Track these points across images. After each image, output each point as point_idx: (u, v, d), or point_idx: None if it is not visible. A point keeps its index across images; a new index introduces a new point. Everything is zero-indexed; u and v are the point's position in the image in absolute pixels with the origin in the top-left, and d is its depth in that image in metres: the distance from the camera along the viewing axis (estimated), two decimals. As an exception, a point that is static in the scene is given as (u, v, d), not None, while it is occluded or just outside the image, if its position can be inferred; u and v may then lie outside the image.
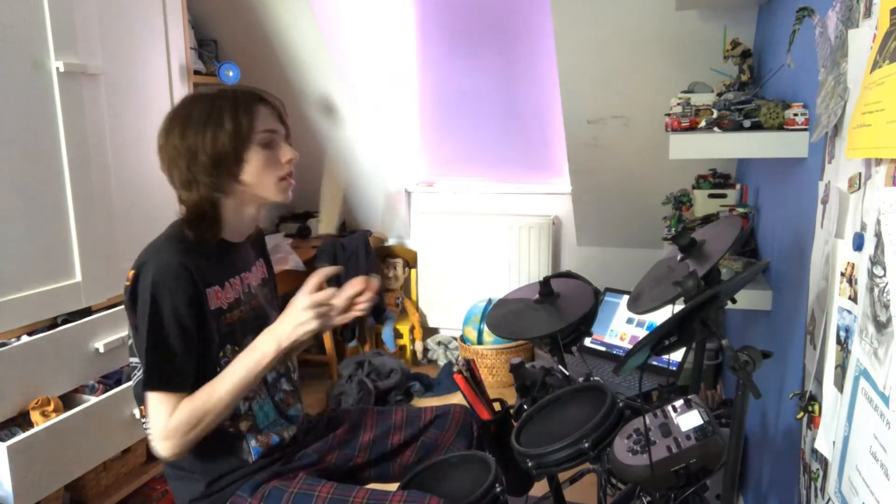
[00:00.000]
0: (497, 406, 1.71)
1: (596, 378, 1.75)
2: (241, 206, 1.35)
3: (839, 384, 1.04)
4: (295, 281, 3.51)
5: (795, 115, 1.43)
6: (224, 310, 1.33)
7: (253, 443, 1.36)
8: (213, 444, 1.29)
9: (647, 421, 1.25)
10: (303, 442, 1.48)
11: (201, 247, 1.31)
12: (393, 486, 1.43)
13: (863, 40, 1.00)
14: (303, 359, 3.56)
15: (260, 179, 1.30)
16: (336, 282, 1.55)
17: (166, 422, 1.21)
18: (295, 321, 1.25)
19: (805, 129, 1.42)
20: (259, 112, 1.30)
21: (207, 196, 1.28)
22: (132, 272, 1.25)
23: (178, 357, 1.22)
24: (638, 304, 1.39)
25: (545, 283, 1.76)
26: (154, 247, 1.29)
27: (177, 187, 1.31)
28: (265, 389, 1.42)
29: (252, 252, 1.48)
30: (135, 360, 1.33)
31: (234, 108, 1.27)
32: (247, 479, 1.33)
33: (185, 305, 1.23)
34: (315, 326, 1.25)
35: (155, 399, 1.22)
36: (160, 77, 2.35)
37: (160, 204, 2.36)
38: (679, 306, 1.17)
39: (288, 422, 1.45)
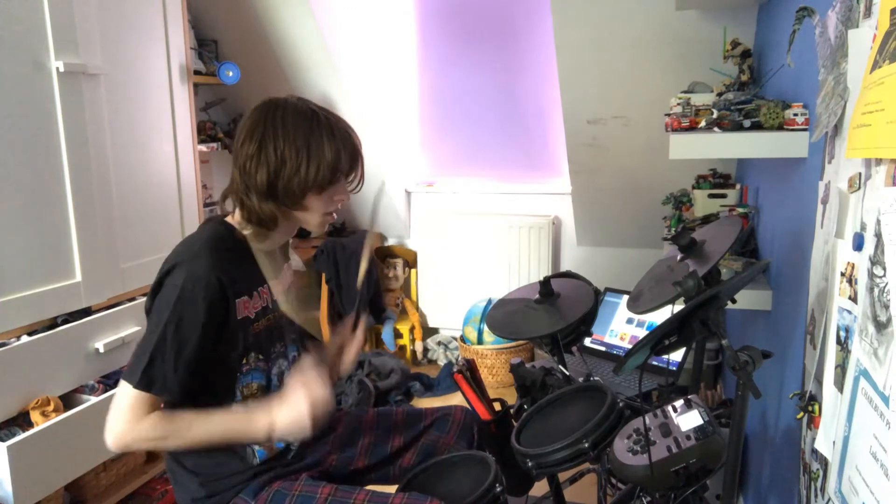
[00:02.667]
0: (497, 406, 1.71)
1: (596, 378, 1.75)
2: (287, 221, 1.35)
3: (839, 384, 1.04)
4: (294, 281, 3.51)
5: (795, 115, 1.43)
6: (252, 319, 1.33)
7: (257, 446, 1.36)
8: (217, 446, 1.29)
9: (647, 421, 1.25)
10: (303, 444, 1.48)
11: (236, 255, 1.31)
12: (393, 489, 1.43)
13: (863, 40, 1.00)
14: (303, 359, 3.56)
15: (309, 216, 1.32)
16: (336, 282, 1.55)
17: (132, 422, 1.19)
18: (297, 424, 1.24)
19: (805, 129, 1.42)
20: (345, 148, 1.29)
21: (271, 210, 1.28)
22: (165, 266, 1.25)
23: (176, 367, 1.20)
24: (638, 304, 1.39)
25: (545, 283, 1.76)
26: (191, 249, 1.26)
27: (254, 192, 1.27)
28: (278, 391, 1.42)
29: (280, 258, 1.47)
30: None
31: (331, 136, 1.27)
32: (248, 482, 1.33)
33: (207, 319, 1.22)
34: (310, 432, 1.25)
35: (130, 393, 1.20)
36: (160, 77, 2.35)
37: (160, 204, 2.36)
38: (679, 306, 1.17)
39: None
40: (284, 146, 1.24)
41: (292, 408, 1.25)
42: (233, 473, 1.33)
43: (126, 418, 1.20)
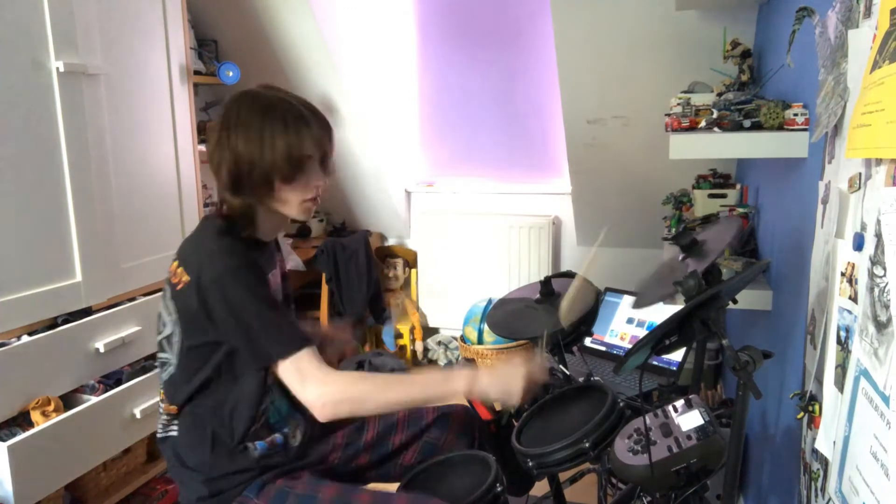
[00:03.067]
0: (497, 406, 1.71)
1: (596, 378, 1.75)
2: (269, 212, 1.35)
3: (839, 384, 1.04)
4: (295, 280, 3.52)
5: (795, 115, 1.43)
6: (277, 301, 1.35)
7: (262, 445, 1.36)
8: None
9: (648, 421, 1.25)
10: (305, 442, 1.48)
11: (242, 244, 1.32)
12: (394, 486, 1.43)
13: (863, 40, 1.00)
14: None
15: (287, 204, 1.32)
16: (336, 282, 1.56)
17: (328, 376, 1.21)
18: (506, 382, 1.26)
19: (805, 129, 1.42)
20: (303, 135, 1.28)
21: (247, 203, 1.29)
22: (186, 275, 1.25)
23: (288, 318, 1.24)
24: (638, 302, 1.40)
25: (545, 283, 1.76)
26: (207, 248, 1.28)
27: (223, 188, 1.30)
28: (277, 387, 1.42)
29: (275, 248, 1.49)
30: (165, 355, 1.35)
31: (285, 125, 1.26)
32: (252, 480, 1.33)
33: (261, 277, 1.25)
34: (517, 400, 1.26)
35: (303, 358, 1.21)
36: (160, 77, 2.35)
37: (160, 204, 2.36)
38: (680, 306, 1.17)
39: (302, 415, 1.44)
40: (238, 139, 1.25)
41: (503, 372, 1.27)
42: (235, 472, 1.33)
43: (320, 377, 1.21)
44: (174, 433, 1.38)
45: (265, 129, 1.25)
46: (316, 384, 1.22)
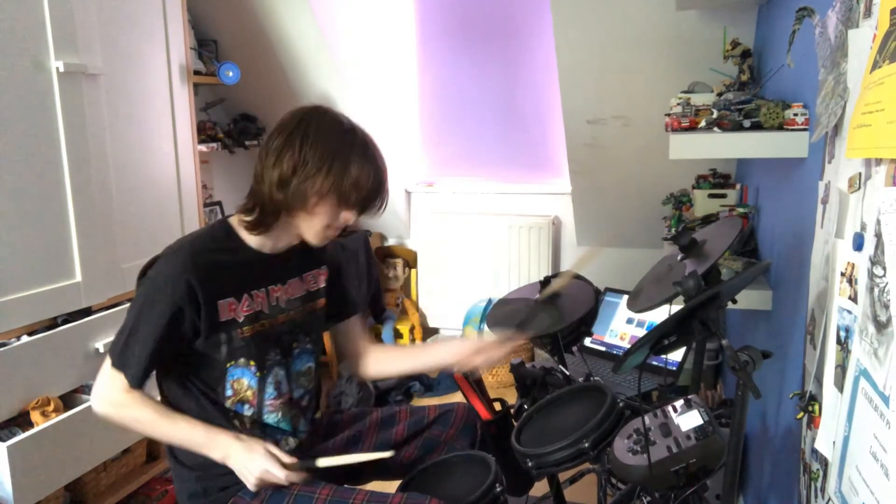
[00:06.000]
0: (497, 406, 1.71)
1: (596, 378, 1.76)
2: (285, 227, 1.34)
3: (839, 384, 1.04)
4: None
5: (795, 115, 1.43)
6: (238, 323, 1.33)
7: None
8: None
9: (647, 421, 1.25)
10: (308, 443, 1.48)
11: (227, 256, 1.31)
12: (394, 484, 1.43)
13: (863, 40, 1.00)
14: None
15: (310, 224, 1.31)
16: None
17: (111, 393, 1.29)
18: (243, 470, 1.28)
19: (805, 129, 1.42)
20: (364, 174, 1.28)
21: (278, 202, 1.28)
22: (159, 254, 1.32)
23: (141, 355, 1.26)
24: (636, 303, 1.39)
25: (545, 283, 1.76)
26: (175, 245, 1.31)
27: (259, 179, 1.28)
28: (288, 405, 1.43)
29: (295, 265, 1.44)
30: None
31: (355, 160, 1.26)
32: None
33: (169, 319, 1.25)
34: (250, 486, 1.29)
35: (109, 368, 1.29)
36: (160, 77, 2.35)
37: (160, 204, 2.36)
38: (679, 306, 1.17)
39: (293, 433, 1.44)
40: (311, 148, 1.24)
41: (247, 461, 1.28)
42: (230, 471, 1.32)
43: (106, 389, 1.30)
44: None
45: (341, 150, 1.25)
46: (106, 394, 1.30)
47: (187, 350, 1.30)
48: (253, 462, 1.27)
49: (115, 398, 1.28)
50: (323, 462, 1.34)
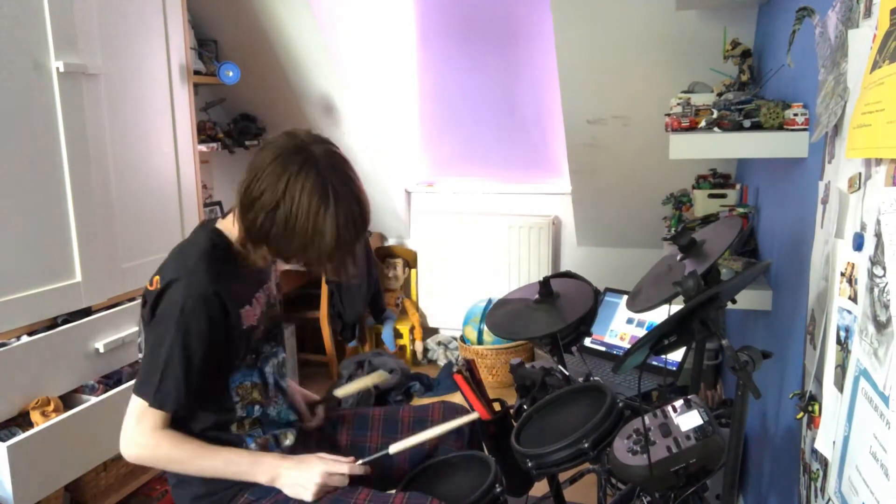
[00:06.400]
0: (497, 406, 1.71)
1: (596, 378, 1.75)
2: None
3: (839, 384, 1.04)
4: (295, 280, 3.52)
5: (795, 115, 1.43)
6: (255, 327, 1.35)
7: (252, 445, 1.37)
8: (214, 444, 1.30)
9: (647, 421, 1.25)
10: (300, 444, 1.48)
11: (231, 264, 1.31)
12: (393, 488, 1.43)
13: (863, 40, 1.00)
14: (303, 359, 3.56)
15: (284, 256, 1.30)
16: (336, 282, 1.55)
17: (146, 436, 1.23)
18: (299, 482, 1.28)
19: (805, 129, 1.42)
20: (342, 238, 1.25)
21: (263, 249, 1.27)
22: (157, 280, 1.25)
23: (186, 383, 1.22)
24: (636, 303, 1.39)
25: (545, 283, 1.76)
26: (185, 264, 1.26)
27: (250, 211, 1.24)
28: (282, 395, 1.44)
29: (271, 264, 1.47)
30: (140, 355, 1.34)
31: (336, 219, 1.23)
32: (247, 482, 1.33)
33: (211, 333, 1.23)
34: (308, 500, 1.28)
35: (141, 406, 1.23)
36: (160, 77, 2.35)
37: (160, 204, 2.36)
38: (679, 306, 1.17)
39: (291, 424, 1.46)
40: (296, 220, 1.20)
41: (304, 471, 1.28)
42: None
43: (140, 432, 1.24)
44: None
45: (319, 217, 1.21)
46: (137, 437, 1.24)
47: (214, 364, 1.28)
48: (311, 471, 1.28)
49: (147, 441, 1.24)
50: (395, 448, 1.37)
